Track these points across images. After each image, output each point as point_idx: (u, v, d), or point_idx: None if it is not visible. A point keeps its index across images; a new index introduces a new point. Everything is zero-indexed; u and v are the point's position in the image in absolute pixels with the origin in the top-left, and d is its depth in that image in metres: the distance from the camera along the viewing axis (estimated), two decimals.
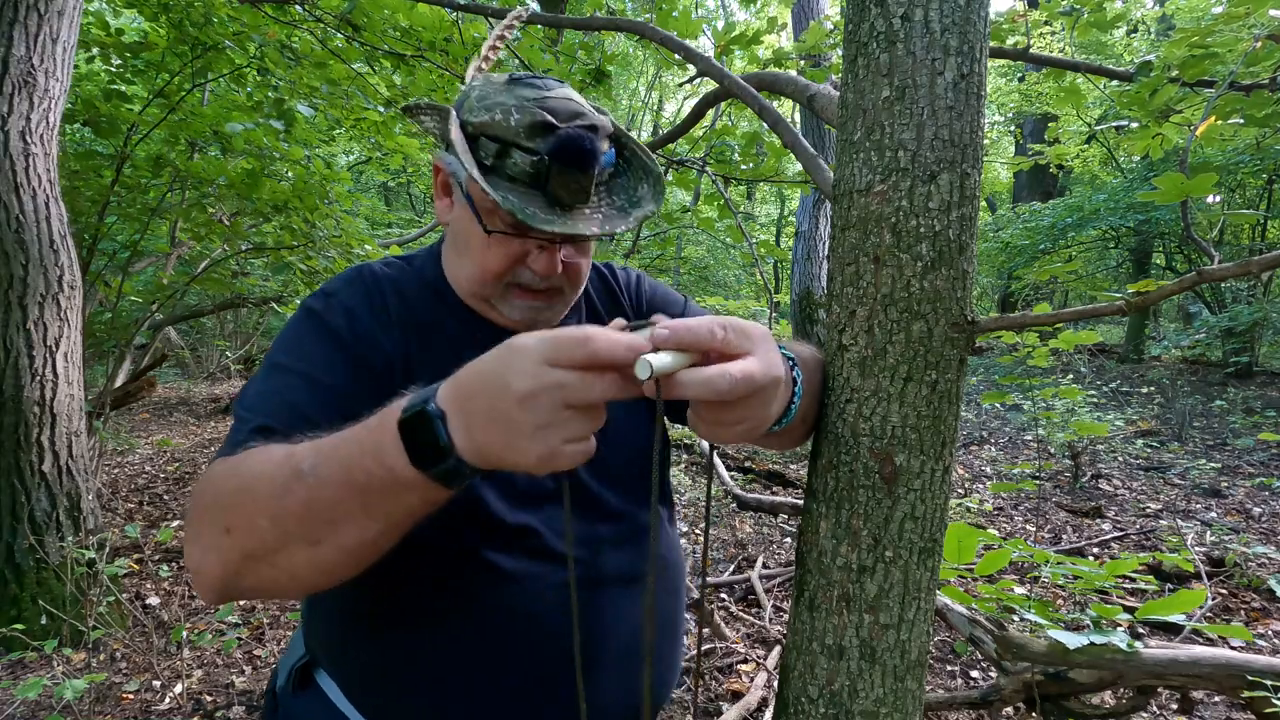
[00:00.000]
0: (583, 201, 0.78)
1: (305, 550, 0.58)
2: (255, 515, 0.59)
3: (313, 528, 0.57)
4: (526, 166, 0.75)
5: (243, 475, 0.62)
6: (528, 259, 0.81)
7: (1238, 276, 0.79)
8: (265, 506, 0.58)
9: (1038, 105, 9.65)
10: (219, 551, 0.61)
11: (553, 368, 0.49)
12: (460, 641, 0.77)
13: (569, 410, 0.50)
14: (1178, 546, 3.70)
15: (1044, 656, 1.78)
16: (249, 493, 0.60)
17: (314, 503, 0.57)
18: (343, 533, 0.57)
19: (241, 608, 2.96)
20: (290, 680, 0.86)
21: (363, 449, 0.56)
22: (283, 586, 0.62)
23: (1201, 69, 1.85)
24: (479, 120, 0.77)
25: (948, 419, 0.86)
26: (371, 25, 3.11)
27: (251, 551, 0.60)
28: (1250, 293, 8.18)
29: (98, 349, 4.18)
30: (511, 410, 0.50)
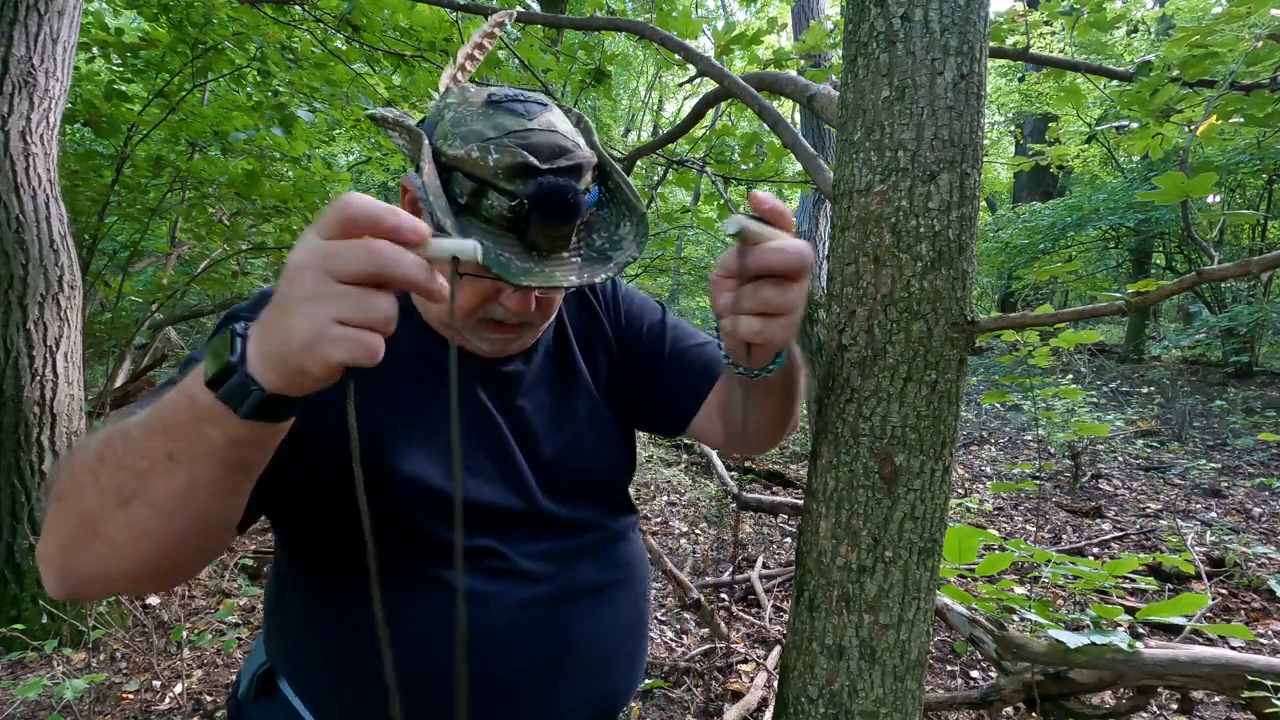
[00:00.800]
0: (562, 248, 0.74)
1: (119, 511, 0.54)
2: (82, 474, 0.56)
3: (123, 479, 0.53)
4: (504, 210, 0.70)
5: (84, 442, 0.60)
6: (500, 296, 0.78)
7: (1238, 276, 0.79)
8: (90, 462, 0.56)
9: (1038, 105, 9.65)
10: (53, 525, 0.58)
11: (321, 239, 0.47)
12: (421, 661, 0.76)
13: (339, 284, 0.46)
14: (1178, 547, 3.70)
15: (1044, 656, 1.78)
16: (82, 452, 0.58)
17: (127, 451, 0.54)
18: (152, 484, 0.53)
19: (242, 607, 2.96)
20: (252, 687, 0.84)
21: (174, 390, 0.53)
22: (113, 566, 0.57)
23: (1202, 69, 1.84)
24: (454, 154, 0.71)
25: (948, 419, 0.86)
26: (371, 25, 3.11)
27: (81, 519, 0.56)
28: (1250, 293, 8.18)
29: (98, 349, 4.17)
30: (285, 289, 0.47)
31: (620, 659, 0.90)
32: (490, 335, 0.81)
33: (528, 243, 0.72)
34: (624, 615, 0.90)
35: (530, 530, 0.83)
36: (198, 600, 3.00)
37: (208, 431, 0.51)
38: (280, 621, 0.84)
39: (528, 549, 0.82)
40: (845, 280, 0.88)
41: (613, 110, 13.20)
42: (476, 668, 0.76)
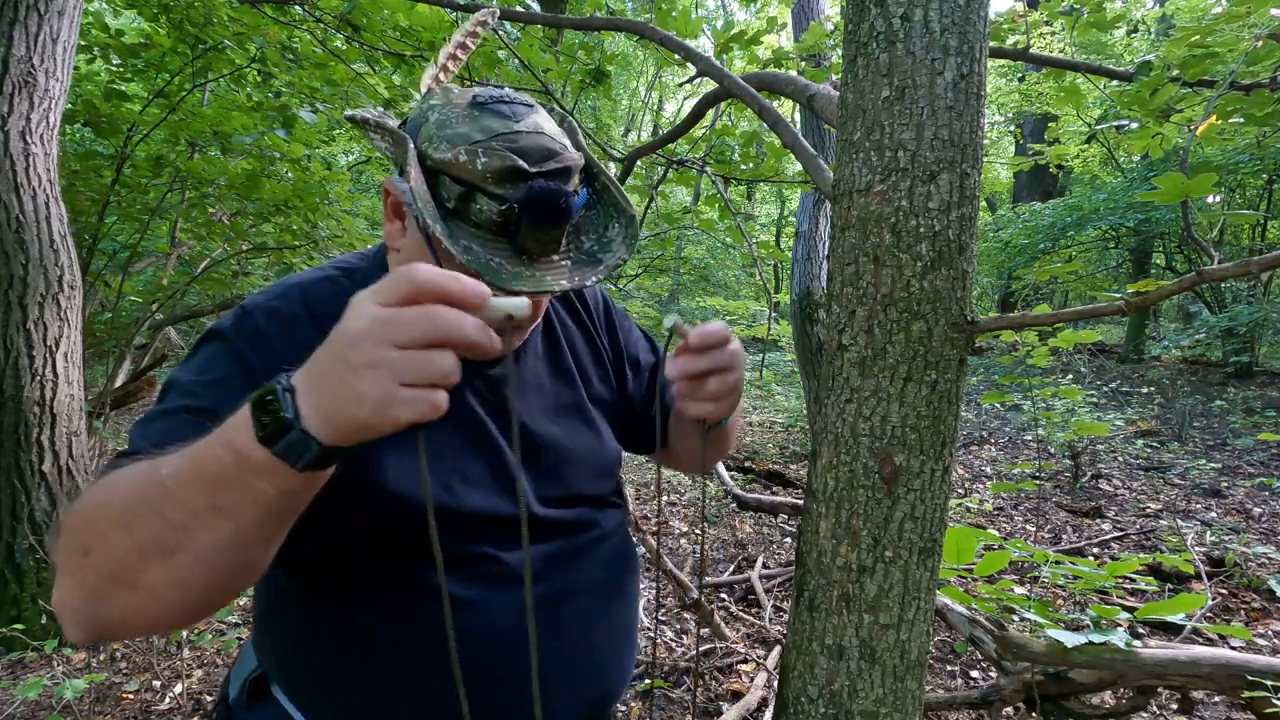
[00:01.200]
0: (552, 251, 0.74)
1: (163, 564, 0.54)
2: (111, 529, 0.55)
3: (164, 532, 0.53)
4: (494, 215, 0.70)
5: (103, 489, 0.58)
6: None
7: (1238, 276, 0.79)
8: (120, 516, 0.55)
9: (1038, 105, 9.65)
10: (79, 577, 0.57)
11: (381, 306, 0.48)
12: (415, 667, 0.76)
13: (399, 350, 0.48)
14: (1178, 547, 3.70)
15: (1044, 656, 1.78)
16: (107, 506, 0.56)
17: (166, 503, 0.53)
18: (196, 536, 0.53)
19: (241, 607, 2.96)
20: (244, 692, 0.83)
21: (216, 439, 0.53)
22: (149, 615, 0.57)
23: (1202, 68, 1.84)
24: (440, 157, 0.70)
25: (948, 419, 0.86)
26: (371, 25, 3.11)
27: (111, 572, 0.55)
28: (1250, 293, 8.18)
29: (98, 349, 4.18)
30: (345, 352, 0.48)
31: (613, 658, 0.90)
32: None
33: (518, 247, 0.72)
34: (616, 615, 0.90)
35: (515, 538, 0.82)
36: None
37: (259, 484, 0.52)
38: (273, 627, 0.83)
39: (519, 553, 0.81)
40: (845, 280, 0.88)
41: (613, 110, 13.20)
42: (473, 673, 0.75)
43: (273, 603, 0.84)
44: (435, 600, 0.75)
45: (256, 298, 0.78)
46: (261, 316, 0.75)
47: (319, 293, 0.79)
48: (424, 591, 0.76)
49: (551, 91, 2.59)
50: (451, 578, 0.76)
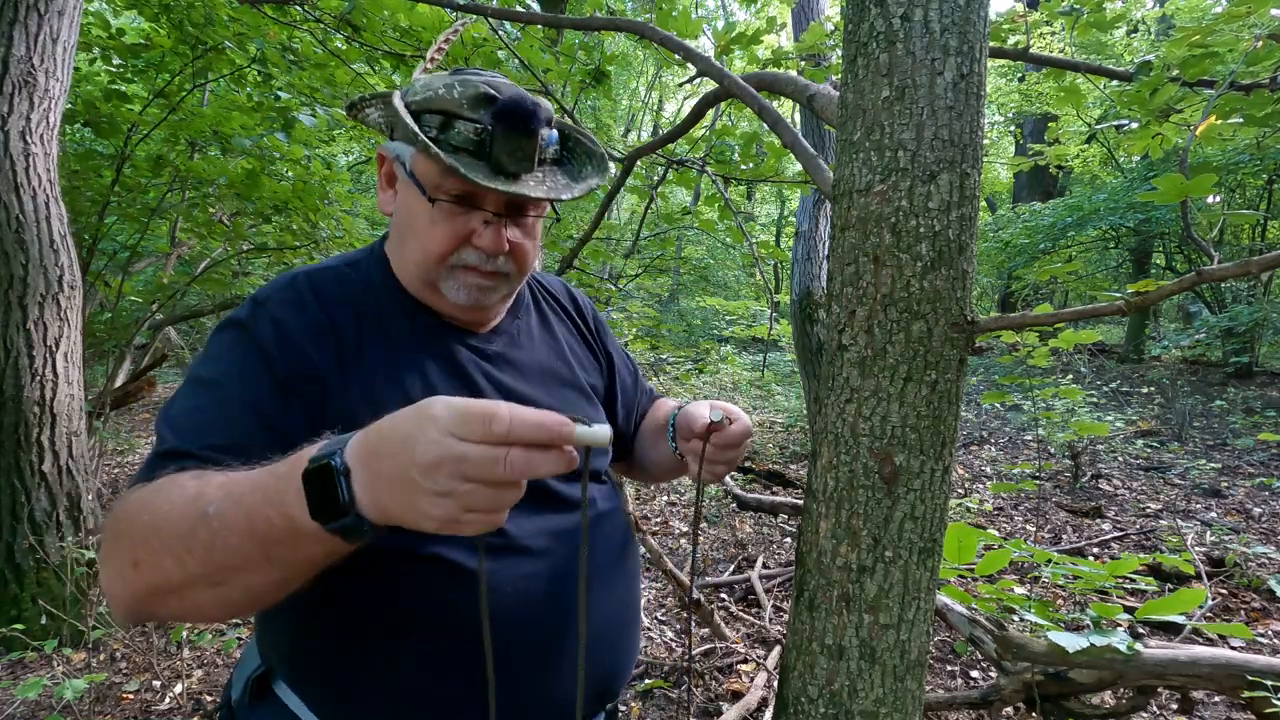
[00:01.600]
0: (527, 170, 0.78)
1: (210, 590, 0.58)
2: (161, 554, 0.59)
3: (215, 571, 0.57)
4: (470, 134, 0.76)
5: (153, 510, 0.61)
6: (473, 238, 0.80)
7: (1238, 276, 0.79)
8: (170, 546, 0.58)
9: (1038, 105, 9.65)
10: (127, 583, 0.61)
11: (458, 440, 0.49)
12: (425, 641, 0.76)
13: (471, 483, 0.50)
14: (1178, 546, 3.70)
15: (1044, 656, 1.78)
16: (156, 531, 0.60)
17: (216, 548, 0.56)
18: (245, 577, 0.57)
19: None
20: (246, 691, 0.83)
21: (267, 497, 0.55)
22: (192, 617, 0.64)
23: (1201, 69, 1.84)
24: (422, 98, 0.78)
25: (947, 419, 0.86)
26: (371, 25, 3.11)
27: (158, 587, 0.60)
28: (1250, 293, 8.18)
29: (98, 349, 4.18)
30: (414, 476, 0.50)
31: (618, 636, 0.90)
32: (465, 280, 0.82)
33: (495, 164, 0.77)
34: (620, 590, 0.91)
35: (529, 506, 0.82)
36: None
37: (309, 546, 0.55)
38: (277, 619, 0.83)
39: (525, 525, 0.82)
40: (845, 280, 0.88)
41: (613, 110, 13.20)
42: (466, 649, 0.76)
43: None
44: (438, 572, 0.77)
45: (265, 289, 0.81)
46: (274, 305, 0.78)
47: (324, 279, 0.83)
48: (426, 563, 0.76)
49: (551, 91, 2.59)
50: (456, 548, 0.77)
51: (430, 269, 0.81)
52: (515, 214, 0.83)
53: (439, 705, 0.76)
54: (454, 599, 0.76)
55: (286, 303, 0.79)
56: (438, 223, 0.79)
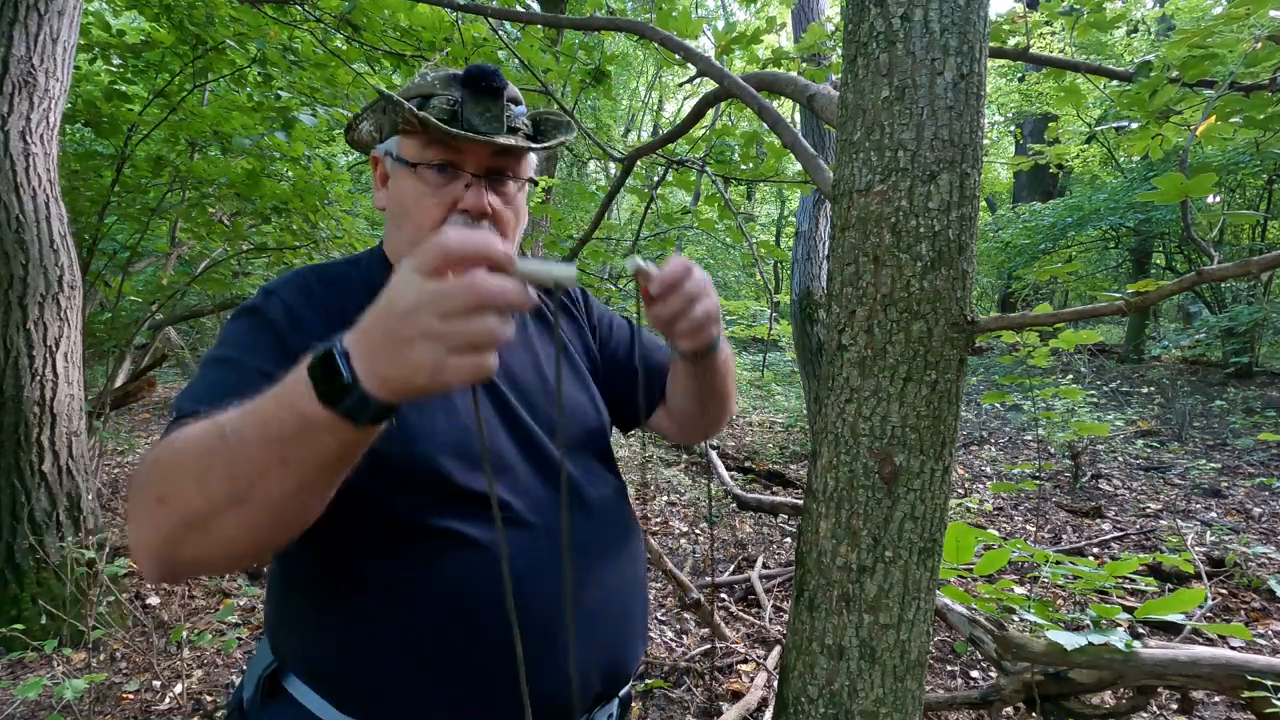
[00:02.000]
0: (497, 131, 0.85)
1: (234, 511, 0.60)
2: (185, 481, 0.61)
3: (237, 485, 0.59)
4: (444, 105, 0.84)
5: (174, 447, 0.63)
6: (457, 204, 0.85)
7: (1238, 276, 0.79)
8: (192, 470, 0.60)
9: (1038, 105, 9.65)
10: (155, 523, 0.63)
11: (425, 278, 0.53)
12: (431, 614, 0.78)
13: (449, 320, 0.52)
14: (1178, 546, 3.70)
15: (1044, 656, 1.78)
16: (178, 461, 0.62)
17: (236, 460, 0.58)
18: (265, 487, 0.59)
19: (242, 608, 2.96)
20: (258, 690, 0.84)
21: (277, 400, 0.58)
22: (220, 556, 0.64)
23: (1201, 69, 1.84)
24: (403, 91, 0.88)
25: (947, 419, 0.86)
26: (371, 25, 3.11)
27: (185, 518, 0.61)
28: (1250, 293, 8.18)
29: (98, 349, 4.18)
30: (396, 326, 0.53)
31: (626, 616, 0.91)
32: None
33: (467, 127, 0.83)
34: (625, 572, 0.92)
35: (535, 481, 0.86)
36: (198, 600, 3.00)
37: (322, 440, 0.57)
38: (291, 612, 0.85)
39: (531, 501, 0.84)
40: (845, 280, 0.88)
41: (613, 110, 13.20)
42: (482, 621, 0.78)
43: (291, 586, 0.86)
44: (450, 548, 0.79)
45: (275, 281, 0.87)
46: (284, 292, 0.84)
47: (330, 271, 0.90)
48: (436, 535, 0.79)
49: (551, 91, 2.59)
50: (464, 520, 0.80)
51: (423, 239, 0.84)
52: (496, 183, 0.87)
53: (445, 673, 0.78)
54: (462, 571, 0.79)
55: (296, 290, 0.85)
56: (425, 194, 0.85)
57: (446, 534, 0.79)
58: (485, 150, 0.86)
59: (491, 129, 0.84)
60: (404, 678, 0.78)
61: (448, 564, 0.79)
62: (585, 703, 0.85)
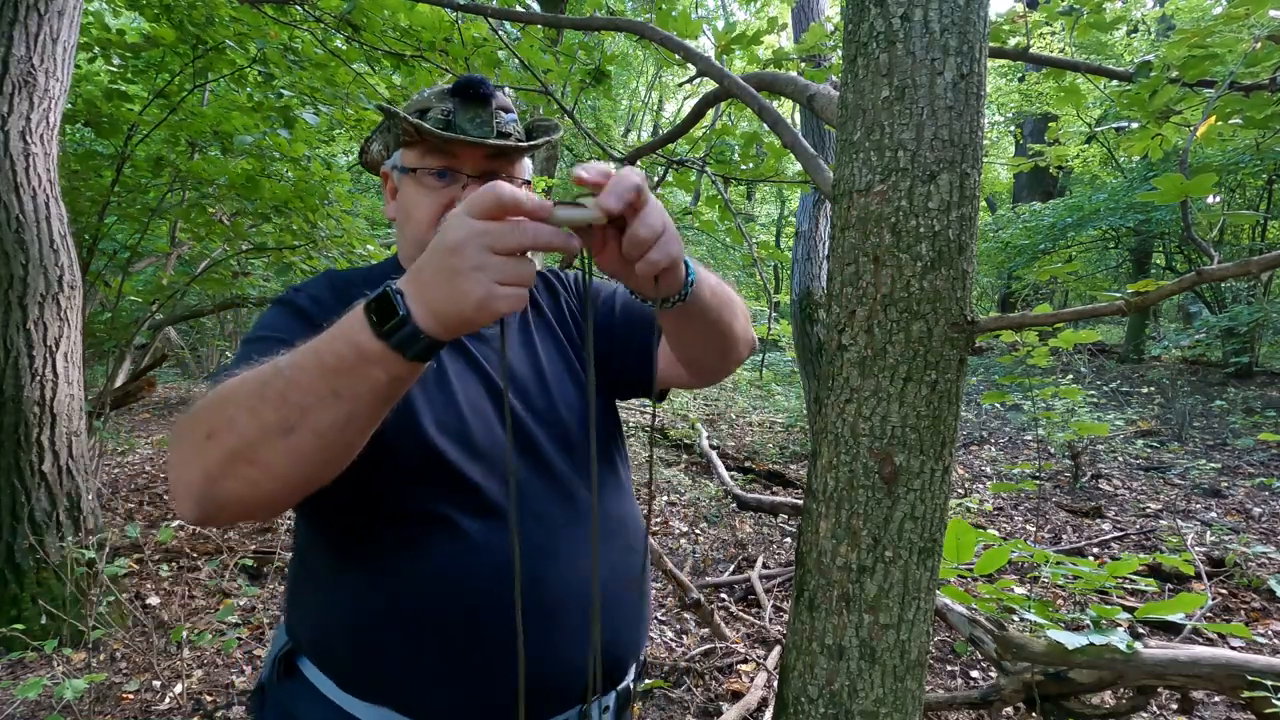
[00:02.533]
0: (488, 135, 0.91)
1: (281, 440, 0.63)
2: (235, 412, 0.64)
3: (287, 414, 0.63)
4: (439, 115, 0.90)
5: (224, 388, 0.67)
6: (455, 204, 0.89)
7: (1238, 276, 0.79)
8: (244, 401, 0.64)
9: (1038, 105, 9.65)
10: (201, 457, 0.66)
11: (475, 219, 0.58)
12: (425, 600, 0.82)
13: (496, 255, 0.57)
14: (1178, 547, 3.70)
15: (1044, 656, 1.78)
16: (229, 397, 0.66)
17: (289, 390, 0.63)
18: (315, 417, 0.63)
19: (242, 608, 2.96)
20: (274, 670, 0.90)
21: (333, 335, 0.62)
22: (262, 490, 0.67)
23: (1201, 69, 1.84)
24: (403, 108, 0.94)
25: (947, 419, 0.86)
26: (371, 25, 3.10)
27: (232, 448, 0.64)
28: (1250, 293, 8.18)
29: (98, 349, 4.18)
30: (447, 261, 0.58)
31: (621, 605, 0.92)
32: None
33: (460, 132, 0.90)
34: (621, 564, 0.93)
35: (527, 473, 0.89)
36: (198, 600, 3.00)
37: (373, 372, 0.61)
38: (303, 596, 0.90)
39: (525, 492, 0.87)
40: (845, 280, 0.88)
41: (613, 110, 13.19)
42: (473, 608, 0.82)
43: (300, 570, 0.92)
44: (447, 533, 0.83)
45: (300, 283, 0.95)
46: (311, 288, 0.93)
47: (350, 276, 0.97)
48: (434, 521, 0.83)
49: (551, 91, 2.59)
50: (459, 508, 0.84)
51: (423, 236, 0.92)
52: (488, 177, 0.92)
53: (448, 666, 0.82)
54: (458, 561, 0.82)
55: (322, 286, 0.93)
56: (425, 198, 0.92)
57: (443, 520, 0.83)
58: (479, 153, 0.91)
59: (482, 133, 0.90)
60: (399, 661, 0.82)
61: (442, 551, 0.82)
62: (577, 691, 0.86)
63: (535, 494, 0.88)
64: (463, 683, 0.82)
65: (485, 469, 0.86)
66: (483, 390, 0.91)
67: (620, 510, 0.98)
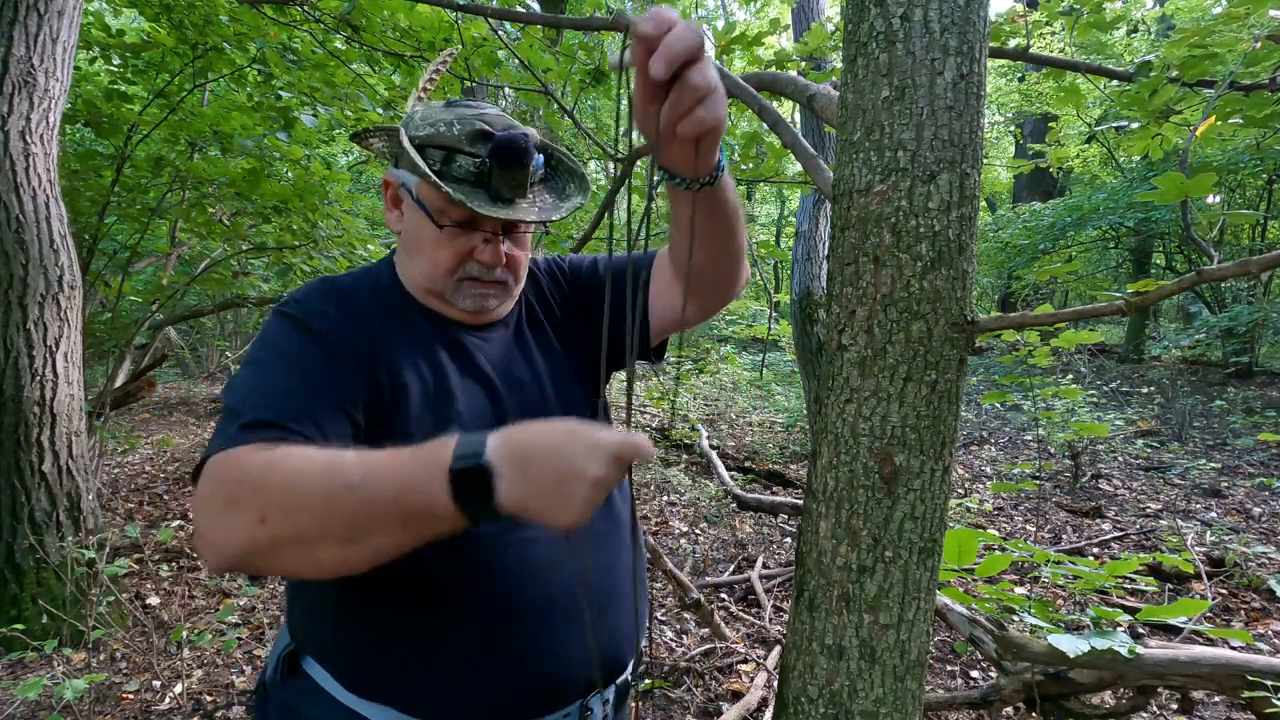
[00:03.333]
0: (521, 196, 0.89)
1: (338, 547, 0.65)
2: (299, 511, 0.65)
3: (353, 533, 0.64)
4: (470, 168, 0.86)
5: (286, 472, 0.67)
6: (474, 253, 0.90)
7: (1237, 276, 0.79)
8: (312, 507, 0.65)
9: (1038, 105, 9.65)
10: (247, 535, 0.66)
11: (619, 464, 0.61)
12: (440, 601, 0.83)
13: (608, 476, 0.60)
14: (1178, 547, 3.70)
15: (1044, 656, 1.78)
16: (294, 491, 0.66)
17: (359, 515, 0.64)
18: (377, 540, 0.65)
19: (242, 608, 2.96)
20: (278, 669, 0.89)
21: (413, 483, 0.63)
22: (300, 569, 0.70)
23: (1201, 69, 1.84)
24: (424, 134, 0.87)
25: (947, 419, 0.86)
26: (371, 26, 3.11)
27: (286, 539, 0.65)
28: (1250, 293, 8.17)
29: (98, 349, 4.18)
30: (578, 488, 0.60)
31: (620, 598, 0.93)
32: (470, 291, 0.92)
33: (492, 193, 0.87)
34: (618, 560, 0.95)
35: None
36: (198, 600, 3.00)
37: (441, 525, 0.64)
38: (306, 597, 0.90)
39: None
40: (845, 280, 0.88)
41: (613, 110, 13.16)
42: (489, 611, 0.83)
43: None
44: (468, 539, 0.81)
45: (299, 291, 0.92)
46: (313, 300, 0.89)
47: (347, 281, 0.95)
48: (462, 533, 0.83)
49: (551, 91, 2.59)
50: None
51: (437, 283, 0.91)
52: (510, 231, 0.92)
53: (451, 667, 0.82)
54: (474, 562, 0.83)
55: (323, 297, 0.90)
56: (443, 244, 0.89)
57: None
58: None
59: (516, 194, 0.88)
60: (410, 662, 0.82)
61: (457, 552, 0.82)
62: (581, 687, 0.88)
63: None
64: (474, 683, 0.82)
65: None
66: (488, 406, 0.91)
67: (612, 510, 0.99)
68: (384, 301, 0.92)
